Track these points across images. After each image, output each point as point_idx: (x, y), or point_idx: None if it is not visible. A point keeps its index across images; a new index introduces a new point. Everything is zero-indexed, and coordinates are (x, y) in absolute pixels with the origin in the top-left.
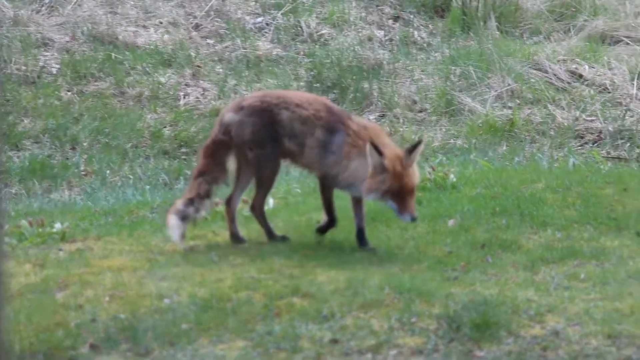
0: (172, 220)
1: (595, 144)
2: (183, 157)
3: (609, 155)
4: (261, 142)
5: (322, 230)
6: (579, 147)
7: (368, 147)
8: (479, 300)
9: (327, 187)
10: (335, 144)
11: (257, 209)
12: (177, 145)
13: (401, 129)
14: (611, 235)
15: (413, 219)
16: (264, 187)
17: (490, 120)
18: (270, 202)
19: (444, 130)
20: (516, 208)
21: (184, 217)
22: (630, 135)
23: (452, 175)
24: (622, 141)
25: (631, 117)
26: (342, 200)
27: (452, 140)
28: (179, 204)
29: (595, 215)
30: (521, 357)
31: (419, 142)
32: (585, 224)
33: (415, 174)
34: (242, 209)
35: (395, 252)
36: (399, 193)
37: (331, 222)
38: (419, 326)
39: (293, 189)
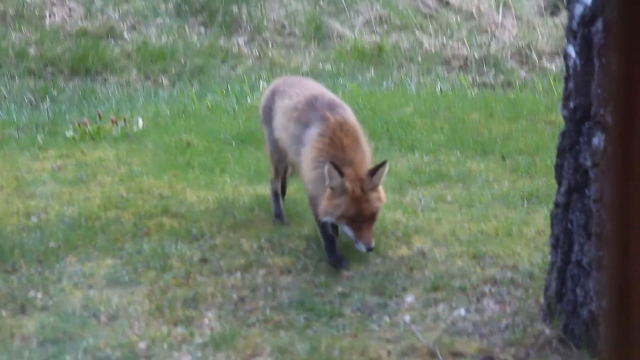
0: None
1: (462, 70)
2: (49, 76)
3: (475, 81)
4: (264, 123)
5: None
6: (446, 73)
7: (327, 166)
8: None
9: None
10: (307, 137)
11: (270, 186)
12: (43, 64)
13: (270, 54)
14: (477, 159)
15: (368, 250)
16: (272, 165)
17: (359, 45)
18: (139, 122)
19: (313, 55)
20: (385, 132)
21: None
22: (496, 61)
23: None
24: (488, 67)
25: (496, 44)
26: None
27: (321, 65)
28: None
29: (462, 140)
30: (388, 277)
31: (382, 164)
32: (453, 148)
33: (377, 199)
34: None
35: (265, 175)
36: (355, 219)
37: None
38: (289, 246)
39: (162, 111)
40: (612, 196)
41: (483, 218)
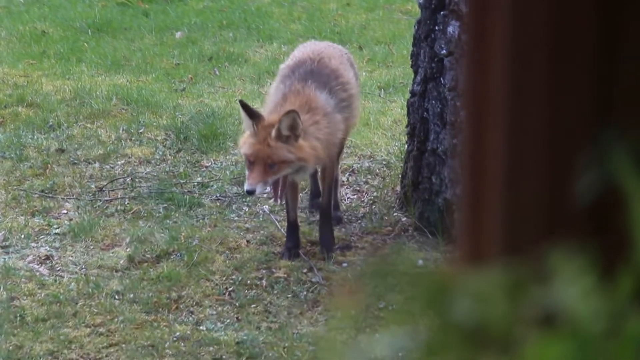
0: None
1: None
2: None
3: None
4: None
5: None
6: None
7: (240, 105)
8: (206, 112)
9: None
10: None
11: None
12: None
13: None
14: None
15: (246, 191)
16: None
17: None
18: None
19: None
20: (243, 21)
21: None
22: None
23: None
24: None
25: None
26: None
27: None
28: None
29: (320, 29)
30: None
31: (286, 112)
32: (310, 38)
33: (285, 149)
34: None
35: (123, 64)
36: (250, 159)
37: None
38: (147, 137)
39: None
40: (465, 84)
41: None
